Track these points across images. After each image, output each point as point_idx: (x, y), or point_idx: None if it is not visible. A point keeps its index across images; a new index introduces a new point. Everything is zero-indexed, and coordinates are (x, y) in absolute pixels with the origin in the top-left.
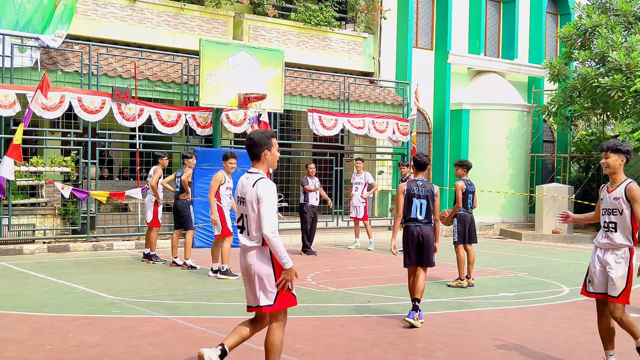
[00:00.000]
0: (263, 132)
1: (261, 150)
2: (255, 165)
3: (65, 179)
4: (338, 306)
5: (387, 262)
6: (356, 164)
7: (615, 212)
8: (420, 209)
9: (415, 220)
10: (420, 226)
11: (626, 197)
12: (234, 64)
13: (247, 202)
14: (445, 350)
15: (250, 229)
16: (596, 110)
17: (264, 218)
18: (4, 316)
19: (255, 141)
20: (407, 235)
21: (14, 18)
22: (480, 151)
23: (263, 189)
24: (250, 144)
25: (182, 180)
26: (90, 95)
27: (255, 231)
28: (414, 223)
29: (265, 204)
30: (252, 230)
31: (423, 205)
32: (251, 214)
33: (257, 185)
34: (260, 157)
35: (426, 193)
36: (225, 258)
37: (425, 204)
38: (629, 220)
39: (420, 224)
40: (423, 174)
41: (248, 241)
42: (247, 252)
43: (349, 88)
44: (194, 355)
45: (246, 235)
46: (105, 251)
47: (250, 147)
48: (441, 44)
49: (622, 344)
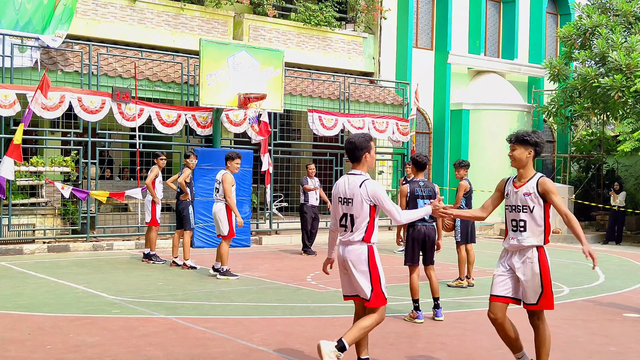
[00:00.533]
0: (362, 136)
1: (362, 153)
2: (355, 167)
3: (65, 179)
4: (338, 306)
5: (387, 262)
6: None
7: (525, 209)
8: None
9: (423, 220)
10: (427, 226)
11: (538, 192)
12: (234, 64)
13: (353, 202)
14: (445, 350)
15: (355, 226)
16: (596, 110)
17: (392, 211)
18: (4, 316)
19: (357, 144)
20: (414, 234)
21: (14, 18)
22: (480, 151)
23: (374, 189)
24: (353, 147)
25: (179, 181)
26: (90, 95)
27: (358, 229)
28: (421, 222)
29: (385, 201)
30: (356, 228)
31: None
32: (357, 213)
33: (366, 186)
34: (361, 159)
35: (429, 193)
36: (224, 259)
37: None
38: (540, 218)
39: (427, 224)
40: (423, 174)
41: (350, 238)
42: (347, 248)
43: (349, 88)
44: (194, 355)
45: (350, 233)
46: (105, 251)
47: (352, 150)
48: (441, 44)
49: (623, 344)
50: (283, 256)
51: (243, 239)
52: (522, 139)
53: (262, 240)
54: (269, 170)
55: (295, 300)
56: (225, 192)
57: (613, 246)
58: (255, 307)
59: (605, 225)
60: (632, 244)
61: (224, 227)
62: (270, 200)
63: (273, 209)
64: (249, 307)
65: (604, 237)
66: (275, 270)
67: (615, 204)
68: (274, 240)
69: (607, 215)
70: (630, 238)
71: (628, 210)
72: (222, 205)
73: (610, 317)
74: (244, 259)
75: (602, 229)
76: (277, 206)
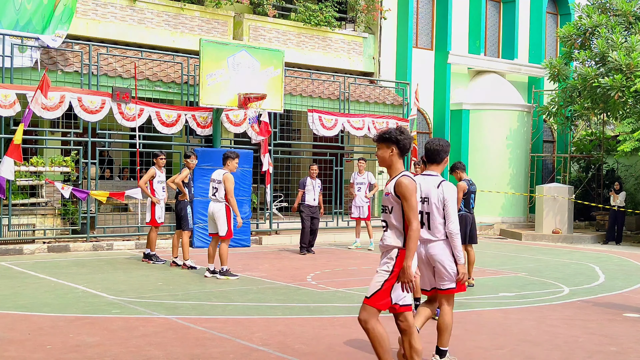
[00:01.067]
0: (445, 141)
1: (444, 156)
2: (431, 167)
3: (65, 179)
4: (338, 306)
5: None
6: (359, 163)
7: (386, 209)
8: None
9: None
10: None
11: (395, 193)
12: (234, 64)
13: (431, 202)
14: None
15: (433, 224)
16: (596, 110)
17: (450, 216)
18: (4, 316)
19: (443, 148)
20: None
21: (14, 18)
22: (480, 151)
23: (449, 191)
24: (438, 150)
25: (176, 182)
26: (90, 95)
27: (438, 226)
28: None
29: (451, 205)
30: (435, 226)
31: None
32: (435, 211)
33: (443, 187)
34: (441, 162)
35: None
36: (224, 259)
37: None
38: (399, 219)
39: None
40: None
41: (431, 235)
42: (429, 244)
43: (349, 88)
44: (194, 355)
45: (427, 230)
46: (105, 251)
47: (437, 152)
48: (441, 44)
49: (623, 344)
50: (283, 256)
51: (243, 239)
52: (383, 137)
53: (262, 240)
54: (269, 170)
55: (295, 300)
56: (229, 192)
57: (613, 246)
58: (255, 307)
59: (605, 225)
60: (632, 244)
61: (223, 227)
62: (270, 200)
63: (273, 209)
64: (249, 307)
65: (604, 237)
66: (275, 270)
67: (615, 204)
68: (274, 240)
69: (607, 215)
70: (630, 238)
71: (628, 210)
72: (221, 205)
73: (610, 317)
74: (244, 259)
75: (602, 229)
76: (277, 206)
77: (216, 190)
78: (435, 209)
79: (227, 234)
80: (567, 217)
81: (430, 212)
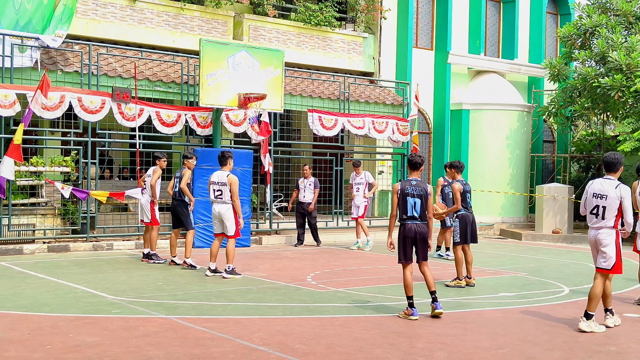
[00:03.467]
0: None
1: (619, 167)
2: (610, 174)
3: (65, 179)
4: (338, 306)
5: (387, 262)
6: (354, 168)
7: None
8: (414, 207)
9: (412, 218)
10: (417, 224)
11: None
12: (234, 64)
13: (609, 198)
14: (445, 350)
15: (607, 216)
16: (596, 110)
17: (627, 211)
18: (4, 316)
19: (619, 160)
20: (404, 232)
21: (14, 18)
22: (480, 151)
23: (625, 191)
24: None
25: (181, 187)
26: (90, 95)
27: (611, 218)
28: (411, 220)
29: (627, 202)
30: (608, 217)
31: (417, 204)
32: (611, 205)
33: (620, 189)
34: (617, 171)
35: (420, 192)
36: (231, 257)
37: (419, 203)
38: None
39: (417, 222)
40: (417, 174)
41: (602, 224)
42: (599, 231)
43: (349, 88)
44: (194, 355)
45: (601, 220)
46: (105, 251)
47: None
48: (441, 44)
49: (623, 344)
50: (283, 256)
51: (243, 239)
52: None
53: (262, 240)
54: (269, 170)
55: (295, 300)
56: (235, 194)
57: None
58: (255, 307)
59: None
60: (632, 244)
61: (232, 227)
62: (270, 200)
63: (273, 209)
64: (249, 307)
65: None
66: (275, 270)
67: None
68: (274, 240)
69: None
70: (630, 238)
71: None
72: (229, 206)
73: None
74: (244, 259)
75: None
76: (277, 206)
77: (220, 192)
78: (612, 203)
79: (235, 233)
80: (567, 217)
81: (606, 206)
